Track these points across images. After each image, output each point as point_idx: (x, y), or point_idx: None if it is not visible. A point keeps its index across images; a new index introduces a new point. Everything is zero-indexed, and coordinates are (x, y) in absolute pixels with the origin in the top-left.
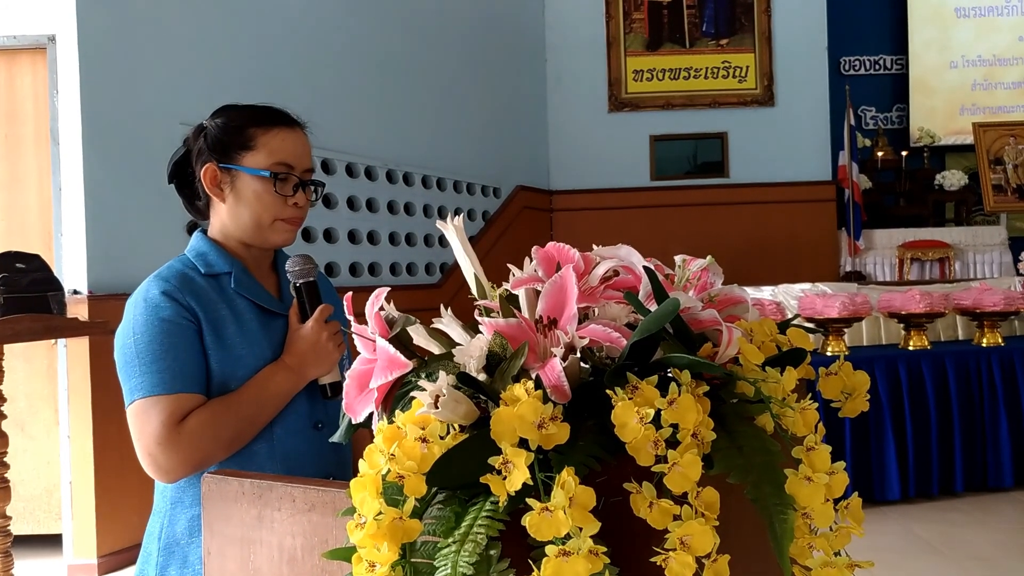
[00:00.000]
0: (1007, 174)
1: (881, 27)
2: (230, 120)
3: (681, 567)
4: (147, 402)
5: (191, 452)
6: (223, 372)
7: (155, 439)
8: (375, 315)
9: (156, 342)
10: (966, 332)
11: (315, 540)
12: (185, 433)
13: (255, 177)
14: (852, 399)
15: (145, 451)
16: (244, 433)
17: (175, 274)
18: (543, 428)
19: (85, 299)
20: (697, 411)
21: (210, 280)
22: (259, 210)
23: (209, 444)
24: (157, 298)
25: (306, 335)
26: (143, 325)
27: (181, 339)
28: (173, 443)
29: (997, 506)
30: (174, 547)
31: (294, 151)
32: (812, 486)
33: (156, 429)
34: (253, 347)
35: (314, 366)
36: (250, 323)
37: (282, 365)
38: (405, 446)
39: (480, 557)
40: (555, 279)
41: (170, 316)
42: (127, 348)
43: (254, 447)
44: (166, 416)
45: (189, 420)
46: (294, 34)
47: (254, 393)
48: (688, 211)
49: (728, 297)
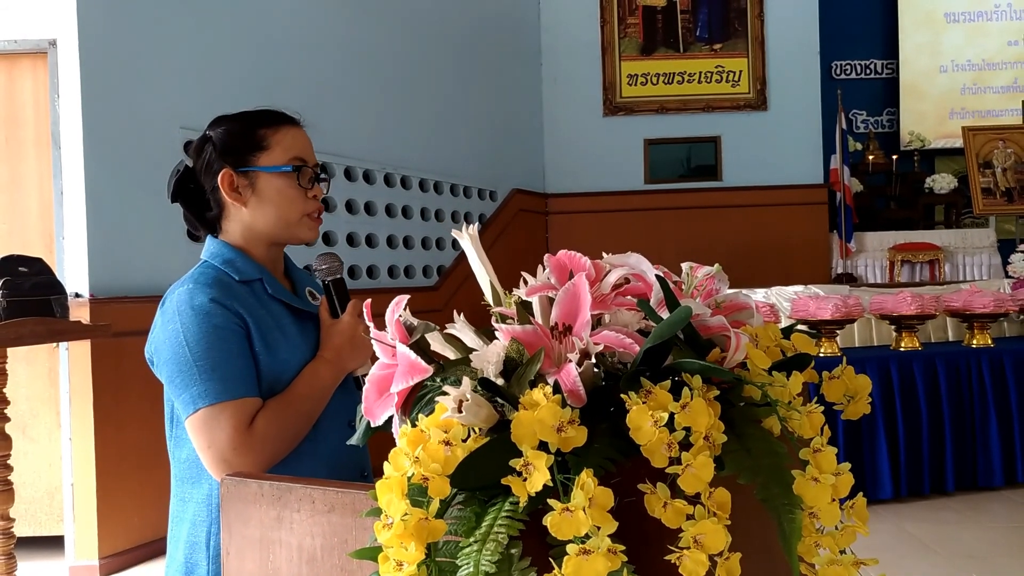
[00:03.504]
0: (996, 177)
1: (872, 32)
2: (234, 126)
3: (695, 565)
4: (214, 409)
5: (264, 453)
6: (271, 375)
7: (231, 445)
8: (395, 322)
9: (215, 348)
10: (956, 334)
11: (335, 540)
12: (257, 435)
13: (276, 175)
14: (854, 402)
15: (219, 457)
16: (304, 429)
17: (215, 281)
18: (562, 431)
19: (87, 302)
20: (709, 414)
21: (244, 286)
22: (285, 206)
23: (278, 443)
24: (207, 305)
25: (343, 329)
26: (195, 333)
27: (235, 344)
28: (247, 446)
29: (987, 504)
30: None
31: (304, 146)
32: (819, 486)
33: (230, 435)
34: (295, 349)
35: (351, 358)
36: (288, 327)
37: (322, 360)
38: (429, 449)
39: (502, 556)
40: (568, 287)
41: (222, 323)
42: (180, 357)
43: (300, 448)
44: (236, 421)
45: (258, 422)
46: (293, 39)
47: (306, 389)
48: (682, 214)
49: (734, 303)
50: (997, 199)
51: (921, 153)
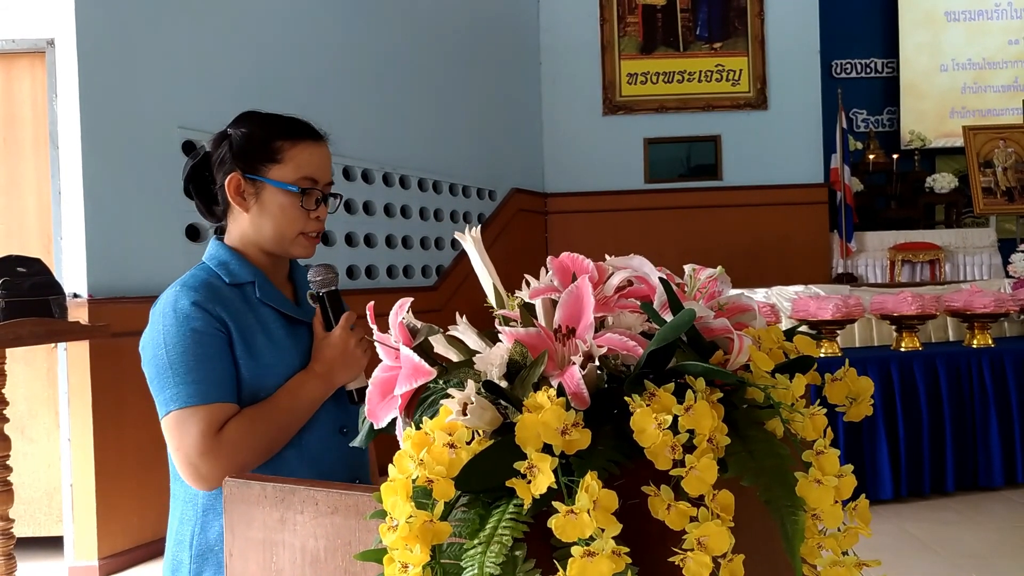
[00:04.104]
0: (996, 177)
1: (872, 31)
2: (255, 130)
3: (699, 566)
4: (184, 413)
5: (231, 460)
6: (253, 381)
7: (196, 449)
8: (399, 324)
9: (189, 353)
10: (957, 334)
11: (338, 542)
12: (224, 442)
13: (281, 191)
14: (856, 404)
15: (186, 461)
16: (278, 440)
17: (202, 284)
18: (566, 434)
19: (85, 303)
20: (713, 417)
21: (234, 290)
22: (283, 223)
23: (247, 452)
24: (187, 308)
25: (335, 342)
26: (174, 336)
27: (213, 349)
28: (214, 452)
29: (988, 505)
30: (208, 554)
31: (320, 165)
32: (822, 488)
33: (196, 439)
34: (281, 356)
35: (342, 373)
36: (276, 332)
37: (312, 373)
38: (434, 451)
39: (506, 558)
40: (572, 289)
41: (201, 327)
42: (159, 359)
43: (284, 453)
44: (205, 426)
45: (227, 429)
46: (291, 39)
47: (287, 401)
48: (681, 213)
49: (736, 305)
50: (998, 198)
51: (921, 152)
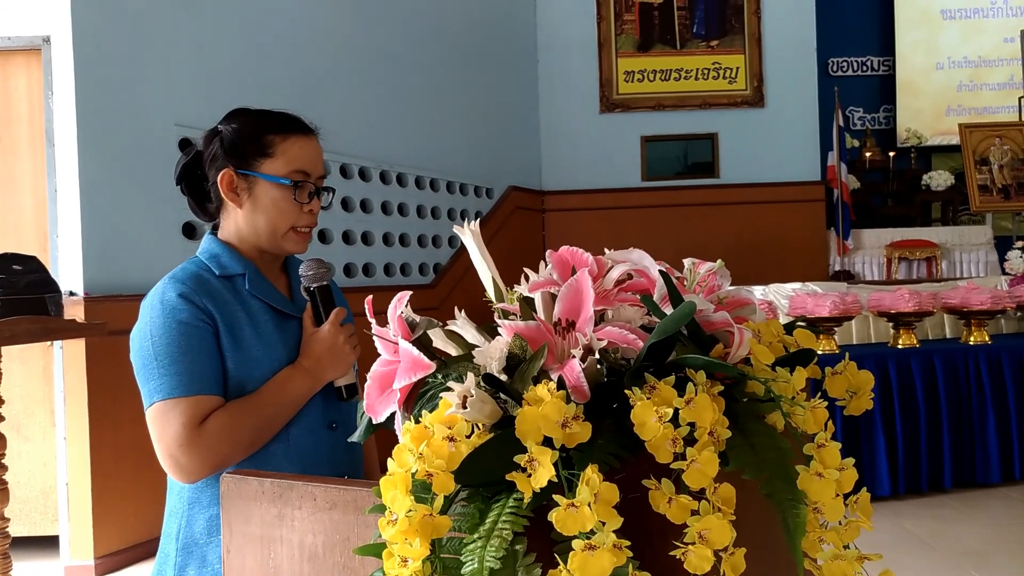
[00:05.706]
0: (992, 174)
1: (869, 29)
2: (246, 126)
3: (700, 560)
4: (167, 404)
5: (212, 454)
6: (239, 374)
7: (176, 441)
8: (398, 318)
9: (174, 345)
10: (954, 330)
11: (336, 538)
12: (206, 435)
13: (274, 184)
14: (856, 398)
15: (166, 453)
16: (263, 435)
17: (190, 276)
18: (566, 427)
19: (81, 300)
20: (713, 410)
21: (224, 282)
22: (276, 217)
23: (229, 446)
24: (174, 300)
25: (323, 338)
26: (160, 328)
27: (199, 341)
28: (194, 445)
29: (985, 501)
30: (192, 547)
31: (311, 158)
32: (823, 482)
33: (177, 431)
34: (269, 349)
35: (331, 369)
36: (265, 325)
37: (299, 368)
38: (433, 445)
39: (506, 552)
40: (571, 282)
41: (187, 319)
42: (144, 351)
43: (271, 448)
44: (186, 418)
45: (209, 422)
46: (288, 36)
47: (273, 396)
48: (679, 211)
49: (736, 299)
50: (994, 196)
51: (918, 150)
